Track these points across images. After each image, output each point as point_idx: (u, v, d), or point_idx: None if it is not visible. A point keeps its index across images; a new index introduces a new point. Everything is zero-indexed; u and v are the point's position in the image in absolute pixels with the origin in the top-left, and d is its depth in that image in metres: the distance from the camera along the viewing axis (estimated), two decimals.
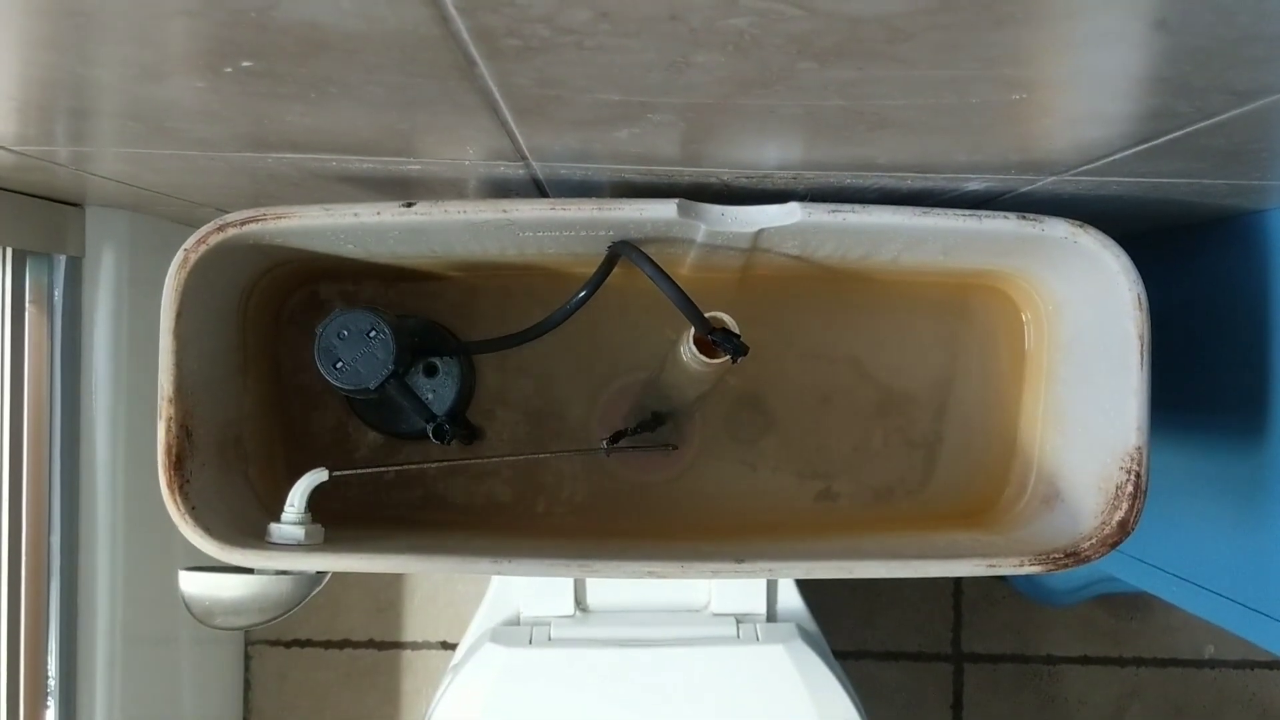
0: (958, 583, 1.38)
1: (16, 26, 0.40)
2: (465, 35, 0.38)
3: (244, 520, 0.67)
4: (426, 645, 1.38)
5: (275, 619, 0.65)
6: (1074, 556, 0.65)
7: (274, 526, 0.64)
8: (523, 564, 0.64)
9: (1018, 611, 1.37)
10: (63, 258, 0.93)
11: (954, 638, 1.38)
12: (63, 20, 0.38)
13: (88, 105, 0.52)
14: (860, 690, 0.86)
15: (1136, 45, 0.37)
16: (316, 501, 0.65)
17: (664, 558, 0.65)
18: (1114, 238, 0.66)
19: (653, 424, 0.78)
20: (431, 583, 1.38)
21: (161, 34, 0.39)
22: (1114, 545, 0.65)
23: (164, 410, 0.63)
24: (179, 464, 0.63)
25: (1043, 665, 1.38)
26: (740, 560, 0.65)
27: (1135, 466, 0.65)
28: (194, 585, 0.64)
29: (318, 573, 0.65)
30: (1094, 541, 0.65)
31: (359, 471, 0.74)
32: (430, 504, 0.78)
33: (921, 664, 1.38)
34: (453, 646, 1.36)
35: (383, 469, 0.76)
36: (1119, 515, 0.65)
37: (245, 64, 0.42)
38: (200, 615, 0.64)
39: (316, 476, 0.65)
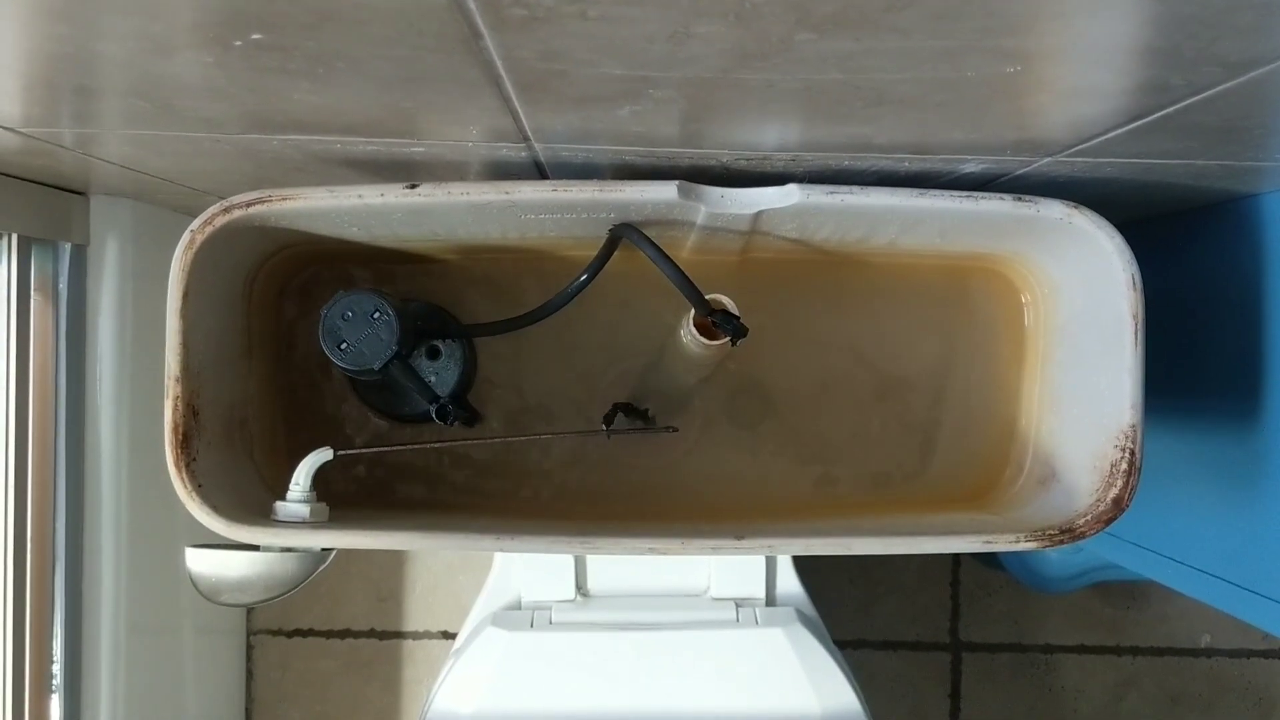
0: (955, 572, 1.39)
1: None
2: (471, 4, 0.38)
3: (249, 499, 0.68)
4: (427, 635, 1.38)
5: (280, 596, 0.66)
6: (1069, 533, 0.66)
7: (280, 504, 0.65)
8: (525, 540, 0.65)
9: (1015, 601, 1.38)
10: (68, 245, 0.94)
11: (952, 627, 1.38)
12: None
13: (95, 82, 0.52)
14: (858, 680, 0.86)
15: (1127, 12, 0.38)
16: (320, 486, 0.66)
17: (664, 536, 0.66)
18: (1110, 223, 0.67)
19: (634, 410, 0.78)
20: (432, 573, 1.39)
21: (172, 5, 0.40)
22: (1109, 522, 0.66)
23: (171, 390, 0.64)
24: (186, 443, 0.64)
25: (1040, 654, 1.38)
26: (740, 537, 0.66)
27: (1129, 444, 0.66)
28: (200, 563, 0.64)
29: (322, 550, 0.66)
30: (1089, 518, 0.66)
31: (363, 451, 0.75)
32: (431, 487, 0.79)
33: (920, 653, 1.38)
34: (453, 636, 1.36)
35: (386, 449, 0.77)
36: (1114, 492, 0.66)
37: (255, 36, 0.43)
38: (206, 592, 0.64)
39: (322, 455, 0.66)
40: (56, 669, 0.99)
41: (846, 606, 1.38)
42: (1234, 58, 0.43)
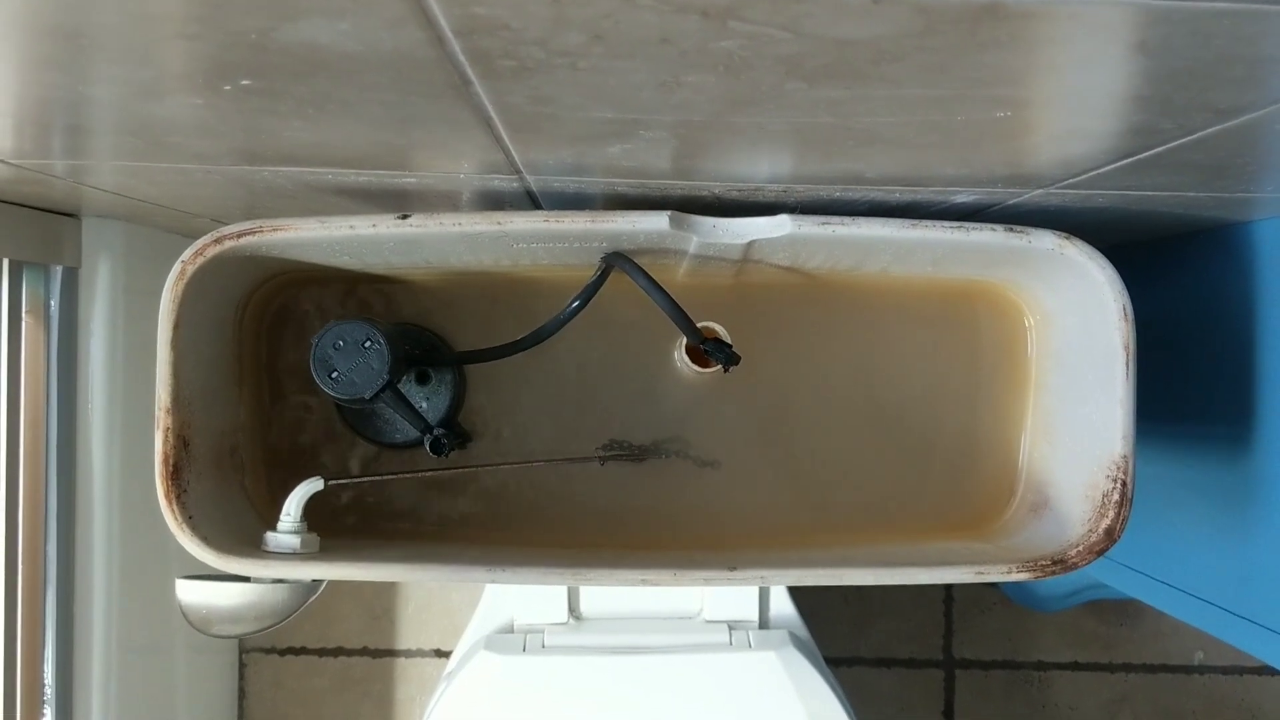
0: (949, 590, 1.39)
1: (16, 46, 0.40)
2: (461, 57, 0.38)
3: (240, 529, 0.68)
4: (420, 653, 1.38)
5: (272, 627, 0.65)
6: (1061, 564, 0.66)
7: (270, 535, 0.65)
8: (517, 572, 0.65)
9: (1008, 618, 1.38)
10: (59, 268, 0.93)
11: (945, 644, 1.38)
12: (63, 41, 0.39)
13: (85, 122, 0.52)
14: (852, 697, 0.86)
15: (1118, 66, 0.38)
16: (311, 511, 0.66)
17: (658, 566, 0.66)
18: (1101, 249, 0.67)
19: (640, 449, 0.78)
20: (425, 591, 1.38)
21: (161, 55, 0.40)
22: (1101, 553, 0.66)
23: (161, 421, 0.64)
24: (176, 474, 0.64)
25: (1033, 671, 1.38)
26: (733, 568, 0.66)
27: (1121, 475, 0.66)
28: (191, 594, 0.64)
29: (313, 581, 0.65)
30: (1081, 549, 0.66)
31: (354, 480, 0.75)
32: (423, 514, 0.79)
33: (913, 671, 1.38)
34: (446, 654, 1.36)
35: (377, 477, 0.77)
36: (1106, 523, 0.66)
37: (244, 82, 0.43)
38: (197, 624, 0.64)
39: (312, 485, 0.65)
40: (48, 689, 0.98)
41: (840, 624, 1.37)
42: (1224, 105, 0.43)
